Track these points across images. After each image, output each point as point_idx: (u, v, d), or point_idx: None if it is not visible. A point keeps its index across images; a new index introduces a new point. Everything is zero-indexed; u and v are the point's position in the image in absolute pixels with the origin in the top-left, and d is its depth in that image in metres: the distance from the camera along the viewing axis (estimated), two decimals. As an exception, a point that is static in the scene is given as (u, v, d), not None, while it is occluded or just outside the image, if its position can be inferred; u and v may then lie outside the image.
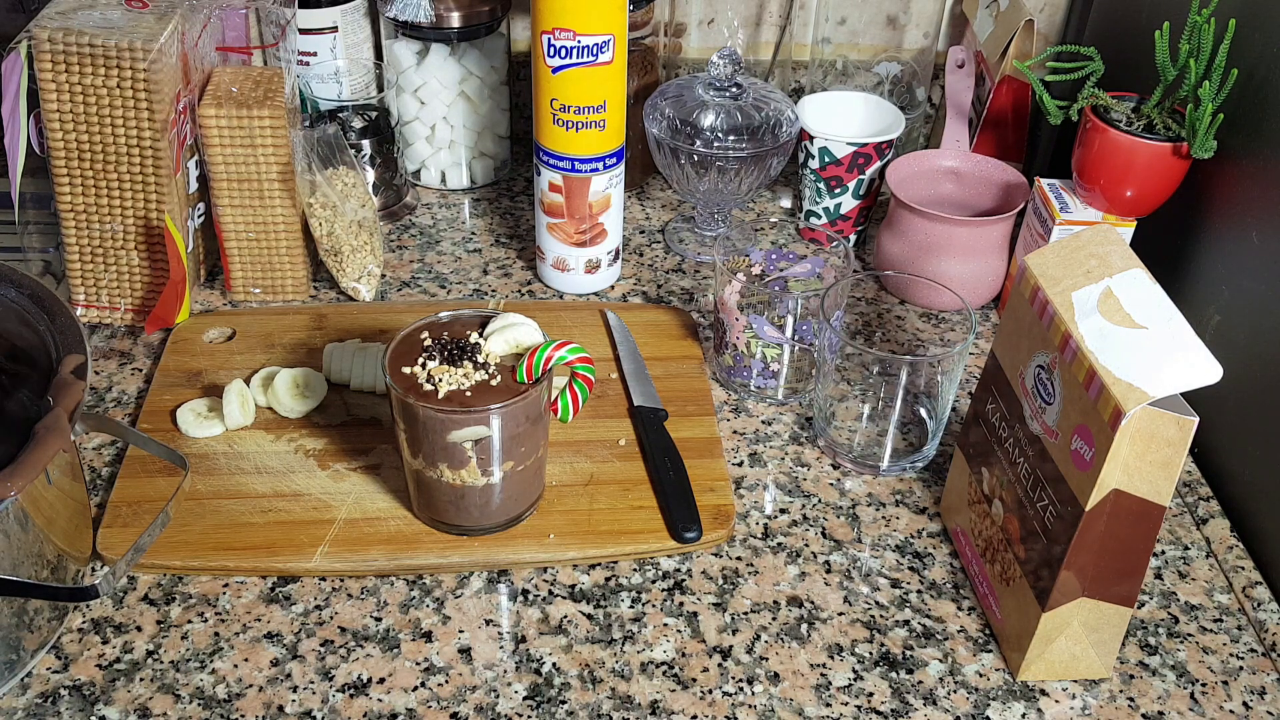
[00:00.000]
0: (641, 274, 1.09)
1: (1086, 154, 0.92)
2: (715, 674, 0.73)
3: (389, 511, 0.81)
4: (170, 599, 0.76)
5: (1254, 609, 0.79)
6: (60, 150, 0.91)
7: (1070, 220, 0.94)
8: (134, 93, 0.89)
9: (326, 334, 0.97)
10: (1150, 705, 0.72)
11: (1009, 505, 0.74)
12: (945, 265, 1.01)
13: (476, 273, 1.08)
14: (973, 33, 1.17)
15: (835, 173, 1.07)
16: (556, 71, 0.93)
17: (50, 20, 0.88)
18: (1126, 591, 0.69)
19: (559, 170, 0.98)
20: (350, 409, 0.90)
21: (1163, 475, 0.64)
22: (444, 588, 0.78)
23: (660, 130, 1.04)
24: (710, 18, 1.24)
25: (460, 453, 0.74)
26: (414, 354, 0.76)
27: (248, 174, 0.96)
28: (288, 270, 1.01)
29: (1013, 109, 1.10)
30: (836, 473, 0.88)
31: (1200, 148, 0.86)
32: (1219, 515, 0.86)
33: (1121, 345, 0.64)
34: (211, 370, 0.93)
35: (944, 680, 0.73)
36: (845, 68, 1.22)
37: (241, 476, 0.84)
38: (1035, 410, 0.71)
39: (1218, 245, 0.90)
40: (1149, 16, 1.00)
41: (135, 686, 0.71)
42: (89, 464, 0.85)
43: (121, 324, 0.99)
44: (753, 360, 0.92)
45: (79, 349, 0.72)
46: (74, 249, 0.96)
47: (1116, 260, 0.69)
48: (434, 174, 1.20)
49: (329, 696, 0.70)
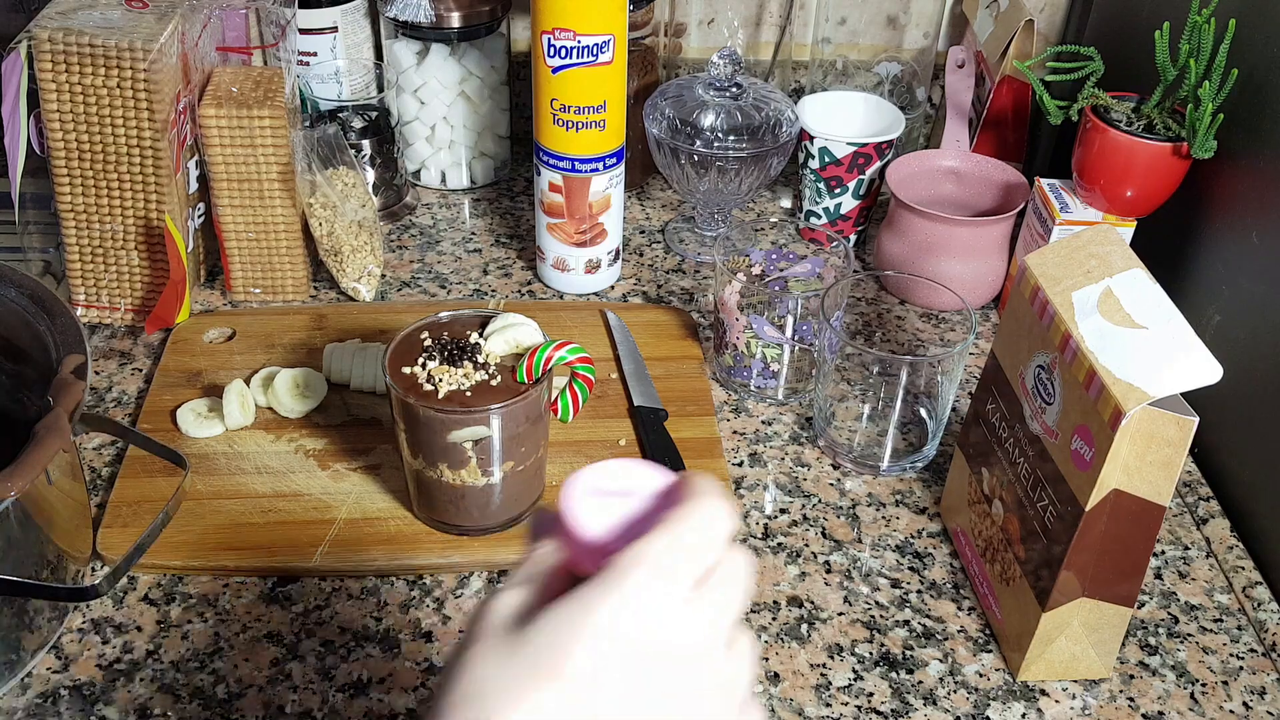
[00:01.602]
0: (641, 274, 1.09)
1: (1086, 154, 0.92)
2: (715, 674, 0.73)
3: (389, 511, 0.81)
4: (170, 599, 0.76)
5: (1254, 609, 0.79)
6: (60, 150, 0.91)
7: (1070, 220, 0.94)
8: (134, 93, 0.89)
9: (326, 334, 0.97)
10: (1150, 705, 0.72)
11: (1009, 505, 0.74)
12: (945, 265, 1.01)
13: (476, 273, 1.08)
14: (973, 33, 1.17)
15: (835, 173, 1.07)
16: (556, 71, 0.93)
17: (50, 20, 0.88)
18: (1126, 591, 0.69)
19: (559, 170, 0.98)
20: (350, 409, 0.90)
21: (1163, 475, 0.64)
22: (444, 588, 0.78)
23: (660, 130, 1.04)
24: (710, 18, 1.24)
25: (460, 453, 0.74)
26: (414, 354, 0.76)
27: (248, 174, 0.96)
28: (288, 270, 1.01)
29: (1013, 109, 1.10)
30: (836, 473, 0.88)
31: (1200, 148, 0.86)
32: (1219, 515, 0.86)
33: (1121, 345, 0.64)
34: (211, 370, 0.93)
35: (944, 680, 0.73)
36: (845, 68, 1.22)
37: (241, 476, 0.84)
38: (1035, 410, 0.71)
39: (1218, 245, 0.90)
40: (1149, 16, 1.00)
41: (135, 686, 0.71)
42: (89, 464, 0.85)
43: (121, 324, 0.99)
44: (753, 360, 0.92)
45: (79, 349, 0.72)
46: (74, 249, 0.96)
47: (1116, 260, 0.69)
48: (434, 174, 1.20)
49: (329, 696, 0.70)
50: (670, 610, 0.40)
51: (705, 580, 0.41)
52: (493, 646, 0.40)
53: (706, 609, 0.41)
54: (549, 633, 0.39)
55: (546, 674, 0.39)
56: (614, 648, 0.39)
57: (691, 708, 0.41)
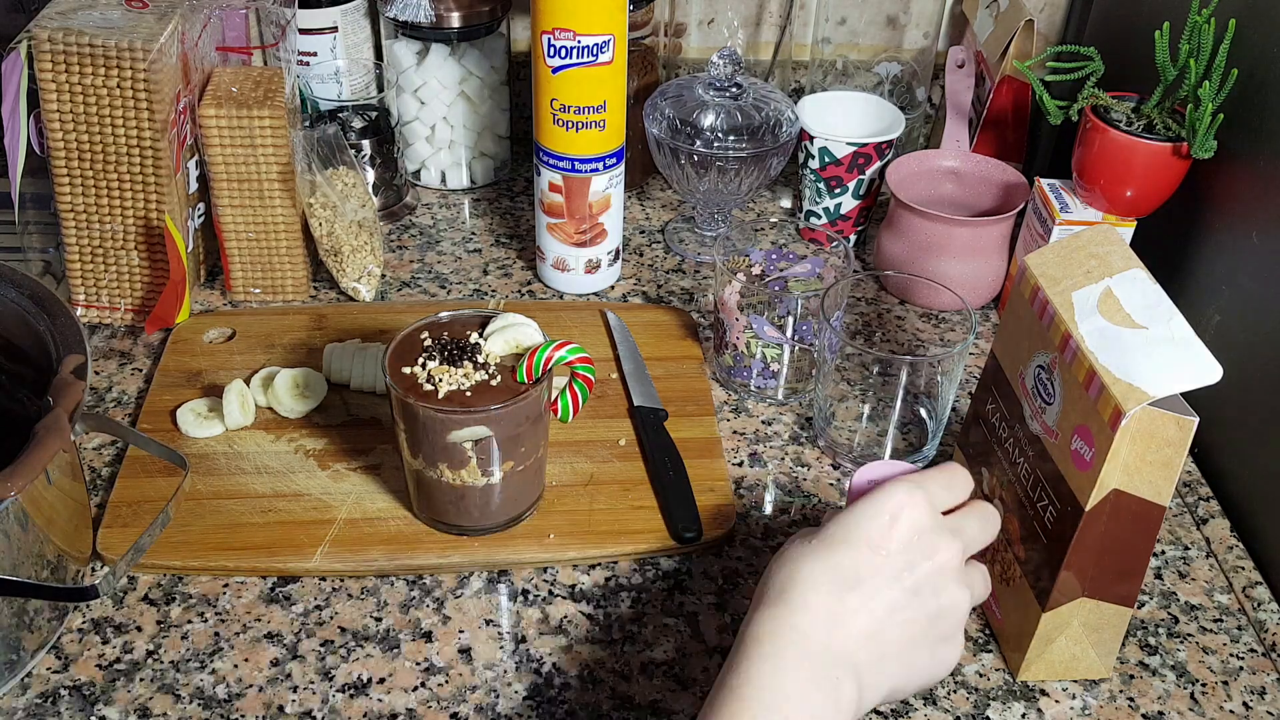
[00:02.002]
0: (641, 274, 1.09)
1: (1086, 154, 0.92)
2: (715, 674, 0.73)
3: (389, 511, 0.81)
4: (170, 599, 0.76)
5: (1254, 609, 0.79)
6: (60, 150, 0.91)
7: (1070, 220, 0.94)
8: (134, 93, 0.89)
9: (326, 334, 0.97)
10: (1150, 705, 0.72)
11: (1009, 505, 0.74)
12: (945, 265, 1.01)
13: (476, 273, 1.08)
14: (973, 33, 1.17)
15: (835, 173, 1.07)
16: (556, 71, 0.93)
17: (50, 20, 0.88)
18: (1126, 591, 0.69)
19: (559, 170, 0.98)
20: (350, 409, 0.90)
21: (1163, 475, 0.64)
22: (444, 588, 0.78)
23: (660, 130, 1.04)
24: (710, 18, 1.24)
25: (460, 453, 0.74)
26: (414, 354, 0.76)
27: (248, 174, 0.96)
28: (288, 270, 1.01)
29: (1013, 109, 1.10)
30: (836, 473, 0.88)
31: (1200, 148, 0.86)
32: (1219, 515, 0.86)
33: (1121, 345, 0.64)
34: (211, 370, 0.93)
35: (944, 680, 0.73)
36: (845, 68, 1.22)
37: (241, 476, 0.84)
38: (1035, 410, 0.71)
39: (1218, 245, 0.90)
40: (1149, 16, 1.00)
41: (135, 686, 0.71)
42: (89, 464, 0.85)
43: (121, 324, 0.99)
44: (753, 360, 0.92)
45: (79, 349, 0.72)
46: (74, 249, 0.96)
47: (1116, 260, 0.69)
48: (434, 174, 1.20)
49: (329, 696, 0.70)
50: (922, 518, 0.59)
51: (954, 513, 0.62)
52: (799, 538, 0.61)
53: (948, 532, 0.60)
54: (835, 523, 0.60)
55: (839, 542, 0.58)
56: (878, 535, 0.58)
57: (908, 606, 0.58)
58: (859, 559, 0.57)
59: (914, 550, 0.58)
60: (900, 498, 0.59)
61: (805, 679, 0.54)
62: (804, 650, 0.55)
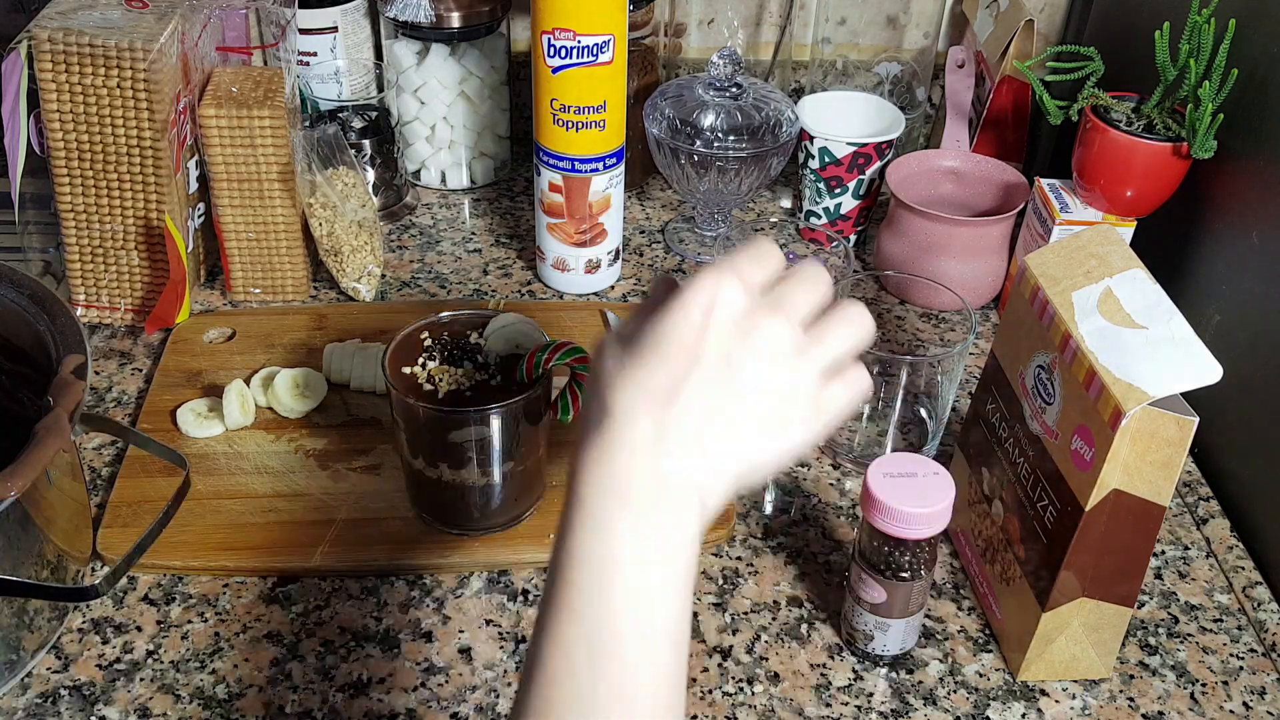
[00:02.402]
0: (641, 274, 1.09)
1: (1086, 154, 0.92)
2: (715, 674, 0.73)
3: (389, 511, 0.81)
4: (170, 599, 0.76)
5: (1254, 609, 0.79)
6: (60, 150, 0.91)
7: (1070, 220, 0.94)
8: (134, 93, 0.89)
9: (326, 334, 0.97)
10: (1150, 705, 0.72)
11: (1009, 505, 0.74)
12: (945, 265, 1.01)
13: (476, 273, 1.08)
14: (973, 33, 1.17)
15: (835, 173, 1.07)
16: (556, 71, 0.93)
17: (50, 20, 0.88)
18: (1126, 591, 0.69)
19: (559, 170, 0.98)
20: (350, 409, 0.90)
21: (1163, 475, 0.64)
22: (444, 588, 0.78)
23: (660, 130, 1.04)
24: (710, 18, 1.24)
25: (460, 453, 0.74)
26: (414, 354, 0.76)
27: (248, 174, 0.96)
28: (288, 270, 1.01)
29: (1013, 109, 1.10)
30: (836, 473, 0.88)
31: (1200, 148, 0.86)
32: (1219, 515, 0.86)
33: (1121, 345, 0.64)
34: (211, 370, 0.93)
35: (944, 680, 0.73)
36: (845, 68, 1.22)
37: (241, 476, 0.84)
38: (1035, 410, 0.71)
39: (1218, 245, 0.90)
40: (1149, 16, 1.00)
41: (135, 686, 0.71)
42: (89, 464, 0.85)
43: (121, 324, 0.99)
44: (753, 360, 0.92)
45: (79, 349, 0.72)
46: (74, 249, 0.96)
47: (1116, 260, 0.69)
48: (434, 174, 1.20)
49: (329, 696, 0.70)
50: (736, 302, 0.52)
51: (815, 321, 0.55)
52: (609, 340, 0.54)
53: (767, 308, 0.53)
54: (646, 331, 0.52)
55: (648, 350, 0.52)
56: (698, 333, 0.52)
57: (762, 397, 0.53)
58: (674, 369, 0.51)
59: (732, 340, 0.52)
60: (709, 289, 0.52)
61: (635, 541, 0.50)
62: (627, 501, 0.50)
